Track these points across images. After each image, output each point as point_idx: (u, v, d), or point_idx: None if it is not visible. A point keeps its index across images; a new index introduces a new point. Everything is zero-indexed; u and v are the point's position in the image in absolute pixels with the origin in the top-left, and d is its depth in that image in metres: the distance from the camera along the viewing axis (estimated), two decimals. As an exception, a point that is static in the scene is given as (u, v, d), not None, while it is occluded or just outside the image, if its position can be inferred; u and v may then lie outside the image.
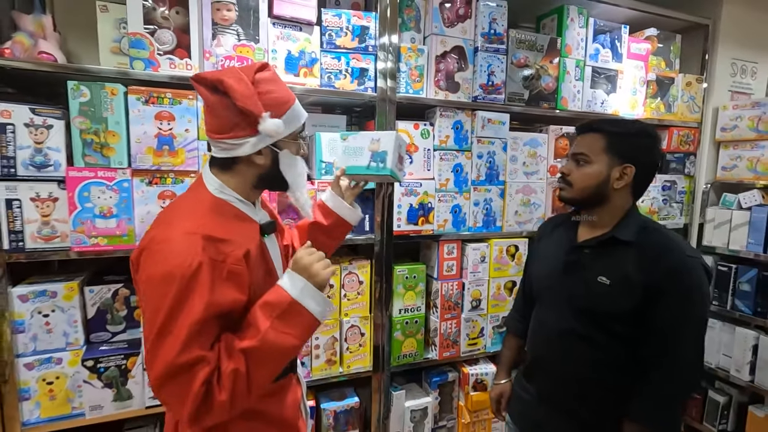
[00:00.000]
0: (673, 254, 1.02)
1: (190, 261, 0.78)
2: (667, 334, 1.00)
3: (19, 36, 1.26)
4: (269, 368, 0.85)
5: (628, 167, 1.06)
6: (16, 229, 1.23)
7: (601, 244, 1.09)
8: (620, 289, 1.03)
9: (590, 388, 1.09)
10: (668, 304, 0.99)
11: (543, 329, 1.20)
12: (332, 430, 1.68)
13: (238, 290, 0.85)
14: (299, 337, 0.86)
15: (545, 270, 1.21)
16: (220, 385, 0.79)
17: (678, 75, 2.19)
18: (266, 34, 1.45)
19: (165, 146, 1.33)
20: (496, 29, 1.74)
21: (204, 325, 0.79)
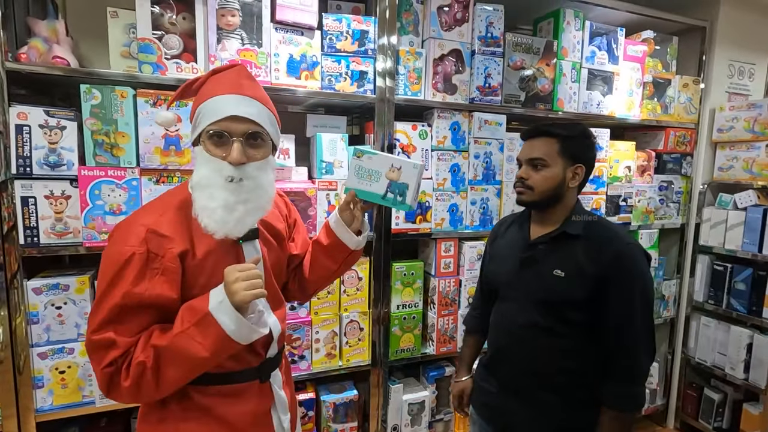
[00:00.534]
0: (614, 243, 1.10)
1: (126, 249, 0.82)
2: (621, 316, 1.07)
3: (35, 41, 1.33)
4: (178, 370, 0.83)
5: (580, 167, 1.15)
6: (31, 225, 1.30)
7: (553, 240, 1.16)
8: (574, 279, 1.10)
9: (551, 375, 1.15)
10: (616, 288, 1.07)
11: (504, 322, 1.25)
12: (331, 422, 1.73)
13: (170, 286, 0.85)
14: (209, 349, 0.82)
15: (503, 268, 1.26)
16: (127, 372, 0.81)
17: (675, 77, 2.22)
18: (269, 39, 1.50)
19: (172, 146, 1.39)
20: (493, 33, 1.78)
21: (122, 311, 0.82)
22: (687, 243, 2.38)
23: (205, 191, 0.86)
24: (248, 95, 0.89)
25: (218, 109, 0.86)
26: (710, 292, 2.32)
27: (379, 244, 1.71)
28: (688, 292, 2.40)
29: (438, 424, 1.97)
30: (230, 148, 0.85)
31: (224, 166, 0.85)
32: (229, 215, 0.86)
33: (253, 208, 0.90)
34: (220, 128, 0.85)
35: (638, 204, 2.20)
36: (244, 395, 0.98)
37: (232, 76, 0.90)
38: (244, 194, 0.88)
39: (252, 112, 0.87)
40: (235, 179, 0.86)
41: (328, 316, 1.70)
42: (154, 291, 0.84)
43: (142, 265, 0.83)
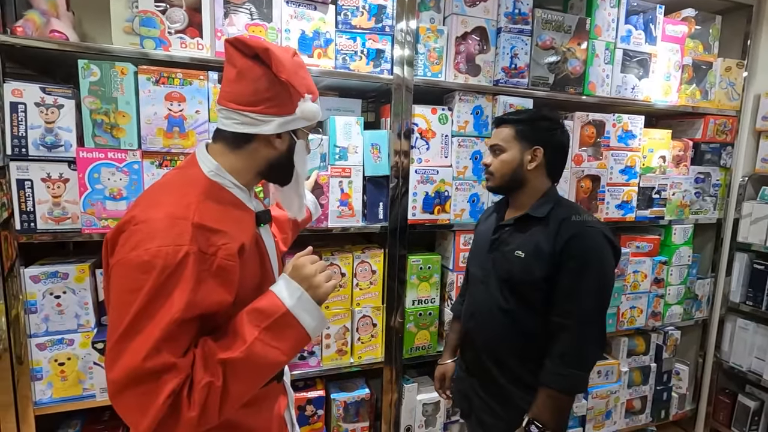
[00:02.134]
0: (573, 223, 1.13)
1: (175, 250, 0.68)
2: (568, 295, 1.10)
3: (32, 14, 1.25)
4: (249, 383, 0.75)
5: (537, 149, 1.18)
6: (27, 209, 1.23)
7: (518, 221, 1.21)
8: (533, 260, 1.14)
9: (511, 358, 1.19)
10: (567, 267, 1.10)
11: (471, 306, 1.30)
12: (342, 421, 1.65)
13: (226, 290, 0.75)
14: (287, 352, 0.77)
15: (475, 250, 1.34)
16: (190, 400, 0.68)
17: (717, 59, 2.05)
18: (279, 13, 1.40)
19: (175, 128, 1.30)
20: (521, 8, 1.64)
21: (181, 327, 0.69)
22: (724, 239, 2.22)
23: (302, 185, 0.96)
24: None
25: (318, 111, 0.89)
26: (749, 293, 2.16)
27: (394, 235, 1.61)
28: (723, 292, 2.24)
29: (453, 426, 1.87)
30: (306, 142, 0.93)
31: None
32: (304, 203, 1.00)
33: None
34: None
35: (672, 197, 2.05)
36: (266, 400, 0.93)
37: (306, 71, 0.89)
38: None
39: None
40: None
41: (339, 310, 1.60)
42: (215, 297, 0.73)
43: (198, 266, 0.71)
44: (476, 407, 1.27)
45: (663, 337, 2.17)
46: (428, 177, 1.63)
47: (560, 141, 1.22)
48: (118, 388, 0.66)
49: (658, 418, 2.23)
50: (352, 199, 1.57)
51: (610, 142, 1.88)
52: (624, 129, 1.90)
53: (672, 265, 2.10)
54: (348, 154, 1.55)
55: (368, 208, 1.59)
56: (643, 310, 2.07)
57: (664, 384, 2.22)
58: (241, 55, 0.81)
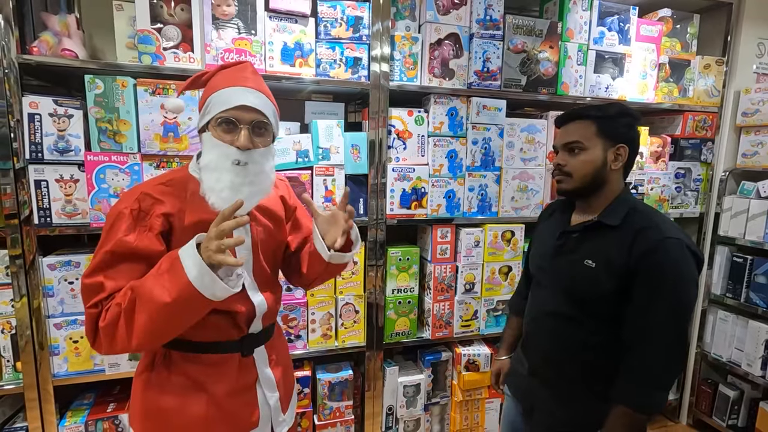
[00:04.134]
0: (649, 235, 1.02)
1: (121, 207, 0.92)
2: (643, 314, 1.00)
3: (45, 35, 1.42)
4: (145, 316, 0.83)
5: (622, 147, 1.08)
6: (44, 206, 1.41)
7: (587, 229, 1.11)
8: (603, 271, 1.04)
9: (572, 366, 1.13)
10: (642, 283, 1.00)
11: (533, 308, 1.25)
12: (327, 399, 1.80)
13: (158, 240, 0.93)
14: (172, 294, 0.82)
15: (539, 252, 1.25)
16: (105, 314, 0.86)
17: (695, 57, 2.10)
18: (263, 27, 1.54)
19: (170, 133, 1.46)
20: (492, 15, 1.74)
21: (113, 258, 0.89)
22: (705, 233, 2.27)
23: (213, 173, 0.92)
24: (255, 88, 0.96)
25: (229, 99, 0.93)
26: (728, 285, 2.21)
27: (374, 228, 1.74)
28: (705, 285, 2.29)
29: (434, 407, 2.00)
30: (238, 135, 0.93)
31: (232, 151, 0.92)
32: (234, 195, 0.91)
33: (257, 190, 0.97)
34: (230, 116, 0.92)
35: (650, 192, 2.12)
36: (224, 367, 1.02)
37: (241, 72, 0.98)
38: (249, 176, 0.94)
39: (259, 103, 0.95)
40: (241, 162, 0.93)
41: (323, 298, 1.75)
42: (142, 242, 0.91)
43: (133, 219, 0.91)
44: (538, 408, 1.22)
45: (643, 328, 2.23)
46: (405, 175, 1.75)
47: (637, 138, 1.13)
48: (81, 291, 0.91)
49: (639, 406, 2.30)
50: (335, 196, 1.71)
51: (585, 140, 1.96)
52: (599, 127, 1.98)
53: (651, 257, 2.16)
54: (330, 155, 1.69)
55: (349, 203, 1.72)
56: (622, 301, 2.14)
57: (645, 373, 2.28)
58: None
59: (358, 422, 1.90)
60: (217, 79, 0.98)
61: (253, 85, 0.96)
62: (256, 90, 0.96)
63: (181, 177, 1.00)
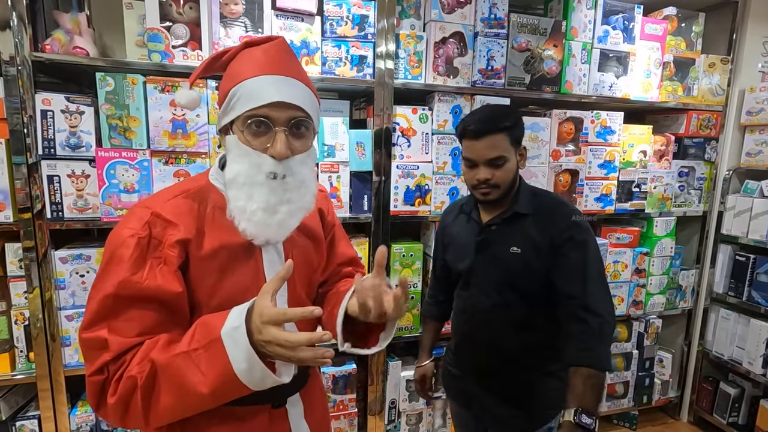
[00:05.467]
0: (562, 213, 1.16)
1: (125, 232, 0.71)
2: (577, 276, 1.10)
3: (57, 33, 1.45)
4: (173, 399, 0.67)
5: (523, 148, 1.19)
6: (56, 201, 1.44)
7: (505, 221, 1.19)
8: (531, 253, 1.14)
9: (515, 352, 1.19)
10: (571, 252, 1.11)
11: (467, 308, 1.26)
12: (331, 393, 1.83)
13: (175, 278, 0.72)
14: (210, 385, 0.65)
15: (460, 255, 1.27)
16: (116, 387, 0.67)
17: (700, 56, 2.10)
18: (270, 26, 1.56)
19: (179, 130, 1.49)
20: (497, 14, 1.76)
21: (116, 303, 0.69)
22: (708, 232, 2.28)
23: (242, 190, 0.73)
24: (292, 76, 0.74)
25: (259, 93, 0.72)
26: (731, 284, 2.22)
27: (377, 225, 1.76)
28: (707, 283, 2.30)
29: (436, 402, 2.03)
30: (273, 139, 0.73)
31: (265, 161, 0.73)
32: (270, 218, 0.75)
33: (297, 208, 0.78)
34: (262, 115, 0.72)
35: (654, 190, 2.13)
36: (251, 422, 0.82)
37: (271, 52, 0.75)
38: (287, 193, 0.75)
39: (298, 96, 0.74)
40: (278, 176, 0.73)
41: (328, 293, 1.78)
42: (155, 281, 0.70)
43: (142, 250, 0.71)
44: (488, 405, 1.24)
45: (644, 325, 2.25)
46: (409, 172, 1.77)
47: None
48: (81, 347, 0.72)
49: (640, 403, 2.32)
50: (340, 192, 1.73)
51: (589, 138, 1.98)
52: (603, 125, 1.99)
53: (653, 256, 2.18)
54: (335, 152, 1.71)
55: (354, 200, 1.75)
56: (624, 298, 2.16)
57: (646, 370, 2.30)
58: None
59: (362, 415, 1.93)
60: (242, 62, 0.76)
61: (289, 71, 0.75)
62: (294, 78, 0.75)
63: (200, 187, 0.80)
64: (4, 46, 1.34)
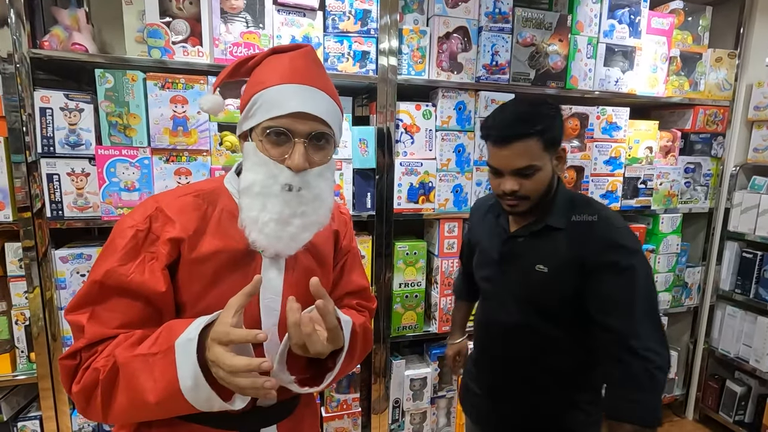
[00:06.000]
0: (601, 227, 0.98)
1: (127, 223, 0.73)
2: (620, 308, 0.93)
3: (56, 29, 1.43)
4: (126, 401, 0.66)
5: (561, 149, 1.02)
6: (56, 200, 1.42)
7: (534, 234, 1.04)
8: (559, 274, 0.99)
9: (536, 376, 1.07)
10: (611, 278, 0.94)
11: (487, 322, 1.18)
12: (334, 392, 1.81)
13: (162, 275, 0.71)
14: (156, 394, 0.64)
15: (483, 261, 1.17)
16: (82, 374, 0.67)
17: (707, 50, 2.07)
18: (271, 21, 1.54)
19: (180, 127, 1.47)
20: (501, 8, 1.73)
21: (101, 291, 0.69)
22: (715, 228, 2.26)
23: (256, 199, 0.72)
24: (316, 86, 0.73)
25: (281, 102, 0.71)
26: (737, 281, 2.20)
27: (381, 222, 1.74)
28: (714, 280, 2.28)
29: (440, 401, 2.01)
30: (291, 150, 0.72)
31: (282, 172, 0.72)
32: (282, 230, 0.73)
33: (310, 222, 0.75)
34: (282, 126, 0.71)
35: (660, 187, 2.10)
36: None
37: (297, 61, 0.74)
38: (301, 206, 0.73)
39: (321, 108, 0.72)
40: (293, 188, 0.72)
41: (331, 291, 1.76)
42: (140, 276, 0.70)
43: (137, 243, 0.71)
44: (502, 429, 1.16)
45: (650, 323, 2.23)
46: (413, 169, 1.75)
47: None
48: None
49: (645, 401, 2.30)
50: (343, 190, 1.71)
51: (594, 134, 1.95)
52: (608, 121, 1.96)
53: (659, 253, 2.16)
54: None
55: (357, 198, 1.73)
56: (629, 296, 2.13)
57: (651, 368, 2.28)
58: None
59: (365, 415, 1.92)
60: (267, 68, 0.74)
61: (314, 81, 0.73)
62: (318, 89, 0.73)
63: (213, 189, 0.80)
64: (2, 43, 1.32)
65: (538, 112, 0.98)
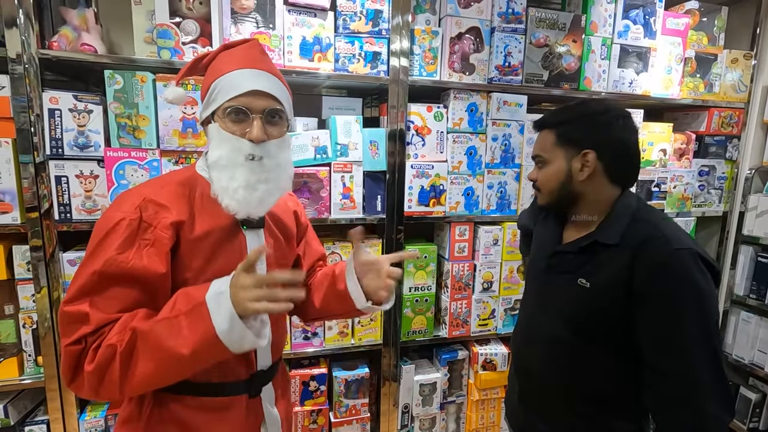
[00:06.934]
0: (656, 247, 0.88)
1: (117, 215, 0.78)
2: (664, 345, 0.86)
3: (65, 30, 1.41)
4: (150, 365, 0.72)
5: (588, 153, 0.95)
6: (64, 202, 1.41)
7: (583, 249, 0.99)
8: (601, 291, 0.93)
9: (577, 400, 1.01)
10: (654, 306, 0.86)
11: (525, 325, 1.15)
12: (343, 397, 1.79)
13: (159, 259, 0.78)
14: (192, 346, 0.71)
15: (533, 262, 1.15)
16: (93, 355, 0.72)
17: (722, 51, 2.03)
18: (282, 21, 1.52)
19: (189, 129, 1.45)
20: (514, 8, 1.70)
21: (101, 280, 0.74)
22: (729, 232, 2.22)
23: (224, 171, 0.82)
24: (266, 70, 0.85)
25: (237, 84, 0.81)
26: (752, 286, 2.16)
27: (392, 226, 1.72)
28: (728, 285, 2.24)
29: (450, 406, 1.99)
30: (250, 125, 0.82)
31: (244, 144, 0.82)
32: (250, 195, 0.83)
33: (274, 187, 0.87)
34: (240, 104, 0.82)
35: (673, 190, 2.07)
36: (229, 411, 0.89)
37: (247, 51, 0.87)
38: (264, 173, 0.84)
39: (272, 88, 0.84)
40: (255, 157, 0.82)
41: (340, 295, 1.74)
42: (140, 262, 0.76)
43: (132, 232, 0.77)
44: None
45: (663, 328, 2.19)
46: (424, 171, 1.72)
47: (618, 137, 0.95)
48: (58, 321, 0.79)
49: (657, 407, 2.27)
50: (353, 193, 1.69)
51: (608, 136, 1.92)
52: (622, 123, 1.93)
53: (673, 257, 2.12)
54: (349, 151, 1.67)
55: (367, 200, 1.71)
56: (642, 301, 2.10)
57: (663, 374, 2.25)
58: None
59: (374, 420, 1.89)
60: (221, 61, 0.86)
61: (263, 66, 0.86)
62: (268, 72, 0.85)
63: (186, 177, 0.89)
64: (11, 43, 1.30)
65: (575, 109, 0.99)
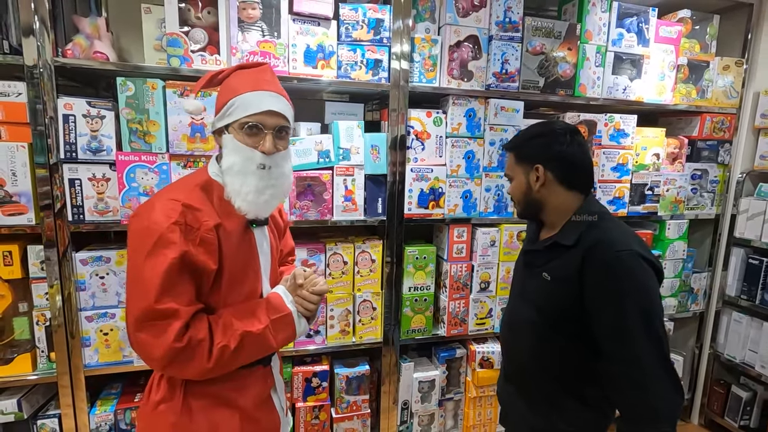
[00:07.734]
0: (601, 250, 1.00)
1: (164, 220, 0.88)
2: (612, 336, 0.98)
3: (78, 38, 1.47)
4: (250, 355, 0.98)
5: (537, 166, 1.13)
6: (77, 204, 1.46)
7: (548, 248, 1.14)
8: (559, 285, 1.07)
9: (538, 376, 1.16)
10: (602, 303, 0.99)
11: (508, 313, 1.31)
12: (344, 393, 1.84)
13: (209, 256, 0.93)
14: (279, 343, 1.01)
15: (518, 257, 1.32)
16: (210, 354, 0.90)
17: (714, 58, 2.09)
18: (287, 30, 1.57)
19: (197, 134, 1.50)
20: (512, 17, 1.76)
21: (176, 276, 0.87)
22: (721, 235, 2.28)
23: (237, 177, 0.95)
24: (277, 92, 0.99)
25: (254, 104, 0.95)
26: (743, 287, 2.22)
27: (392, 227, 1.77)
28: (720, 286, 2.30)
29: (448, 403, 2.04)
30: (263, 139, 0.96)
31: (256, 155, 0.95)
32: (258, 198, 0.97)
33: (279, 192, 1.02)
34: (256, 121, 0.95)
35: (666, 193, 2.12)
36: (250, 380, 1.06)
37: (262, 75, 1.00)
38: (272, 180, 0.98)
39: (283, 108, 0.98)
40: (266, 167, 0.96)
41: (342, 294, 1.79)
42: (200, 258, 0.91)
43: (183, 234, 0.89)
44: (511, 414, 1.28)
45: (656, 328, 2.25)
46: (423, 175, 1.78)
47: (560, 151, 1.10)
48: (137, 325, 0.86)
49: (650, 405, 2.32)
50: (355, 195, 1.74)
51: (602, 141, 1.98)
52: (616, 128, 1.99)
53: (665, 258, 2.18)
54: (351, 155, 1.72)
55: (368, 203, 1.76)
56: (635, 301, 2.15)
57: (657, 373, 2.30)
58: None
59: (374, 416, 1.95)
60: (238, 80, 0.98)
61: (275, 89, 0.99)
62: (278, 94, 0.99)
63: (204, 182, 1.00)
64: (28, 51, 1.36)
65: (526, 132, 1.19)
